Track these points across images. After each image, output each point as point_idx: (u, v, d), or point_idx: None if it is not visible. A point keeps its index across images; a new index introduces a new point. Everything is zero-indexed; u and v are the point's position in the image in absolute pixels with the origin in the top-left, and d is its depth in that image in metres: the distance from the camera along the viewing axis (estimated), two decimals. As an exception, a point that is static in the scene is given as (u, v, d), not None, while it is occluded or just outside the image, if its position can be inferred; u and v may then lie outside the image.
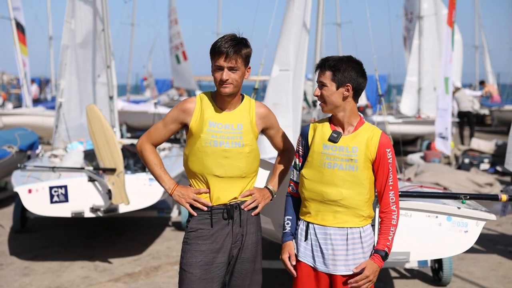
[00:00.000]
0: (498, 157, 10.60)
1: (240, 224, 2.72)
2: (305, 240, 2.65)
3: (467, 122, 13.87)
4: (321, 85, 2.57)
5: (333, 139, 2.58)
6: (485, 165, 10.11)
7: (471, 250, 5.36)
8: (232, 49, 2.60)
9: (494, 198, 3.29)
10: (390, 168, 2.59)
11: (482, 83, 22.79)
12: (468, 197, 3.23)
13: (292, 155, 2.89)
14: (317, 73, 2.63)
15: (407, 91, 13.27)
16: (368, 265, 2.55)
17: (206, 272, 2.67)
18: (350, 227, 2.57)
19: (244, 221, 2.74)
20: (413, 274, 5.04)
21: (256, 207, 2.77)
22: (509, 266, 5.27)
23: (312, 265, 2.64)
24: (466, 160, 10.20)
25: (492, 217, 3.34)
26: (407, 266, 4.82)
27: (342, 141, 2.57)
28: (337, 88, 2.55)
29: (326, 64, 2.56)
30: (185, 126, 2.75)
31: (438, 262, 4.71)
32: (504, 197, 3.20)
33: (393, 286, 4.75)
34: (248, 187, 2.77)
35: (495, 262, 5.39)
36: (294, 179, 2.75)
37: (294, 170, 2.75)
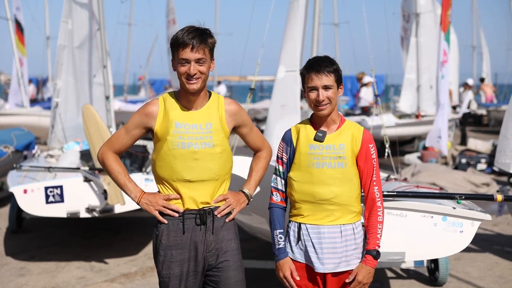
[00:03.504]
0: (495, 157, 10.60)
1: (213, 231, 2.55)
2: (297, 241, 2.64)
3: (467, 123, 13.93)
4: (326, 88, 2.54)
5: (319, 139, 2.57)
6: (482, 165, 10.12)
7: (467, 250, 5.37)
8: (198, 39, 2.43)
9: (490, 198, 3.29)
10: (374, 163, 2.61)
11: (482, 81, 22.78)
12: (463, 197, 3.24)
13: (268, 154, 2.81)
14: (311, 76, 2.56)
15: (406, 88, 13.27)
16: (360, 270, 2.56)
17: (185, 283, 2.55)
18: (343, 224, 2.58)
19: (218, 228, 2.57)
20: (410, 274, 5.03)
21: (230, 213, 2.61)
22: (506, 266, 5.27)
23: (309, 264, 2.63)
24: (463, 160, 10.21)
25: (488, 217, 3.34)
26: (404, 266, 4.82)
27: (328, 140, 2.58)
28: (337, 89, 2.60)
29: (327, 68, 2.54)
30: (149, 131, 2.58)
31: (434, 262, 4.70)
32: (499, 197, 3.20)
33: (389, 286, 4.75)
34: (221, 191, 2.60)
35: (492, 262, 5.39)
36: (279, 187, 2.69)
37: (278, 177, 2.69)
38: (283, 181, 2.68)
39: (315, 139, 2.58)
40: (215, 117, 2.57)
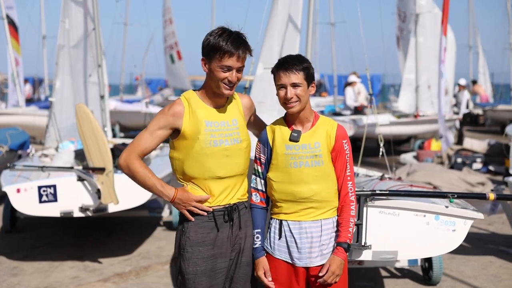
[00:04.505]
0: (490, 156, 10.63)
1: (239, 226, 2.64)
2: (279, 239, 2.67)
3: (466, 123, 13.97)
4: (295, 85, 2.56)
5: (294, 139, 2.61)
6: (477, 165, 10.13)
7: (461, 249, 5.38)
8: (243, 49, 2.51)
9: (482, 197, 3.27)
10: (347, 159, 2.65)
11: (474, 83, 22.85)
12: (456, 196, 3.22)
13: None
14: (279, 74, 2.59)
15: (404, 88, 13.27)
16: (332, 261, 2.60)
17: (210, 280, 2.58)
18: (324, 218, 2.63)
19: (244, 223, 2.66)
20: (404, 273, 5.04)
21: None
22: (500, 265, 5.27)
23: (289, 261, 2.66)
24: (459, 160, 10.22)
25: (480, 216, 3.34)
26: (397, 265, 4.81)
27: (303, 139, 2.61)
28: (308, 87, 2.60)
29: (295, 66, 2.56)
30: (174, 131, 2.57)
31: (428, 261, 4.70)
32: (491, 195, 3.19)
33: (383, 285, 4.75)
34: (244, 184, 2.67)
35: (486, 261, 5.40)
36: (258, 187, 2.72)
37: (257, 178, 2.72)
38: (262, 181, 2.71)
39: (290, 140, 2.61)
40: (237, 113, 2.65)
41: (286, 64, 2.58)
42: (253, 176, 2.74)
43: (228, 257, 2.62)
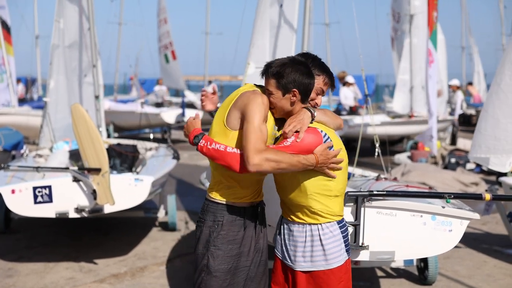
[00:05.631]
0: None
1: (262, 226, 2.70)
2: (279, 234, 2.70)
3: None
4: (268, 93, 2.52)
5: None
6: (471, 165, 10.19)
7: (456, 249, 5.41)
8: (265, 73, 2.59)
9: (478, 197, 3.29)
10: None
11: (470, 84, 22.97)
12: (452, 196, 3.24)
13: None
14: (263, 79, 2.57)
15: (399, 89, 13.31)
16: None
17: (233, 277, 2.61)
18: (309, 224, 2.55)
19: (264, 223, 2.72)
20: (399, 273, 5.05)
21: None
22: (494, 265, 5.30)
23: (281, 259, 2.68)
24: (453, 160, 10.28)
25: (476, 216, 3.36)
26: (393, 265, 4.84)
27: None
28: (284, 95, 2.50)
29: (269, 71, 2.50)
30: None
31: (424, 261, 4.73)
32: (487, 196, 3.21)
33: (379, 285, 4.76)
34: (261, 184, 2.71)
35: (480, 261, 5.43)
36: None
37: None
38: None
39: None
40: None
41: (264, 69, 2.54)
42: None
43: (251, 256, 2.65)
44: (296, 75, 2.46)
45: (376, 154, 5.24)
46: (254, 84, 2.68)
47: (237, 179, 2.57)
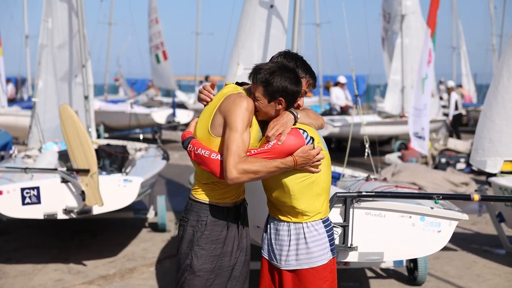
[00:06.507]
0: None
1: (244, 226, 2.70)
2: (265, 232, 2.70)
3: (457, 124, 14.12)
4: (254, 98, 2.51)
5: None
6: (461, 165, 10.24)
7: (445, 249, 5.42)
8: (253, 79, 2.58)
9: (467, 198, 3.31)
10: None
11: (460, 87, 23.11)
12: (441, 197, 3.25)
13: None
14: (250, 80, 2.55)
15: (390, 89, 13.34)
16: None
17: (216, 277, 2.62)
18: (294, 222, 2.56)
19: (246, 222, 2.73)
20: (389, 273, 5.06)
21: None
22: (484, 265, 5.32)
23: (267, 258, 2.68)
24: (443, 160, 10.32)
25: (465, 217, 3.37)
26: (383, 266, 4.84)
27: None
28: (269, 102, 2.50)
29: (258, 78, 2.48)
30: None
31: (414, 261, 4.73)
32: (476, 197, 3.22)
33: (369, 286, 4.76)
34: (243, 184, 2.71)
35: (470, 261, 5.45)
36: None
37: None
38: None
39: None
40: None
41: (252, 73, 2.52)
42: None
43: (234, 255, 2.65)
44: (285, 84, 2.45)
45: (366, 154, 5.25)
46: (237, 83, 2.67)
47: (221, 180, 2.56)
